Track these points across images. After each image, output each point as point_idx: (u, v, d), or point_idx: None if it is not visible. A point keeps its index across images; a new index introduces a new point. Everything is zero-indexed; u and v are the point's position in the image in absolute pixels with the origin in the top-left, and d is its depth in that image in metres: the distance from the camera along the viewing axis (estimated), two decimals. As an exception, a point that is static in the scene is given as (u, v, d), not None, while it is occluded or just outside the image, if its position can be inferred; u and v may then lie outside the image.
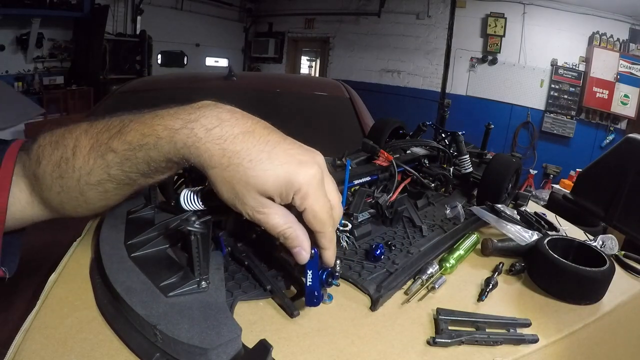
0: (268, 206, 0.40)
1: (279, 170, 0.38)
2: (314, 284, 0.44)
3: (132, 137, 0.40)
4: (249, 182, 0.38)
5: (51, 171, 0.43)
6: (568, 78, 5.16)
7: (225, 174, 0.38)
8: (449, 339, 0.46)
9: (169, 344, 0.37)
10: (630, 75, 4.88)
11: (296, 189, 0.39)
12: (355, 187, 0.73)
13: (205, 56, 6.52)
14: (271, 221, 0.40)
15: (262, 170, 0.38)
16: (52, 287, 0.49)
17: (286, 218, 0.41)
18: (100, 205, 0.46)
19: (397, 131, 1.05)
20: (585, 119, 5.20)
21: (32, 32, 4.21)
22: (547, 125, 5.33)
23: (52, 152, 0.43)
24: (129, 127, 0.41)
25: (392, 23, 6.03)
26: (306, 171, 0.39)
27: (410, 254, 0.60)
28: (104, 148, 0.41)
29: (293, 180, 0.38)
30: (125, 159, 0.41)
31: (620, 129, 5.06)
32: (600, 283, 0.58)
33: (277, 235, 0.41)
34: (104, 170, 0.42)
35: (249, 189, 0.38)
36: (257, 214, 0.40)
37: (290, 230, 0.41)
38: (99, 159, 0.42)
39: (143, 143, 0.40)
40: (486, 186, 0.82)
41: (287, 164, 0.38)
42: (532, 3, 5.16)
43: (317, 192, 0.40)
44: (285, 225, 0.40)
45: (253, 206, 0.39)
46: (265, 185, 0.38)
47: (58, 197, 0.44)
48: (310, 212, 0.40)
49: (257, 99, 1.81)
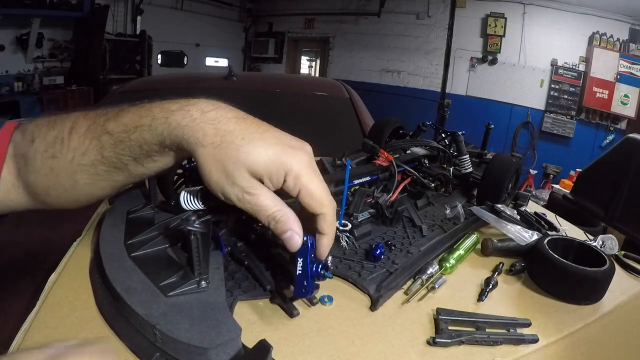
0: (257, 187, 0.39)
1: (270, 150, 0.38)
2: (304, 272, 0.41)
3: (128, 119, 0.41)
4: (240, 159, 0.38)
5: (44, 150, 0.43)
6: (568, 78, 5.16)
7: (217, 152, 0.38)
8: (449, 339, 0.46)
9: (169, 343, 0.37)
10: (630, 75, 4.88)
11: (287, 169, 0.39)
12: (355, 187, 0.73)
13: (205, 56, 6.52)
14: (260, 202, 0.39)
15: (254, 147, 0.38)
16: (52, 287, 0.49)
17: (275, 201, 0.39)
18: (86, 193, 0.46)
19: (397, 131, 1.05)
20: (585, 119, 5.20)
21: (32, 32, 4.21)
22: (547, 125, 5.33)
23: (47, 131, 0.44)
24: (127, 111, 0.42)
25: (392, 23, 6.03)
26: (297, 153, 0.39)
27: (410, 254, 0.60)
28: (100, 129, 0.42)
29: (284, 161, 0.38)
30: (119, 140, 0.41)
31: (620, 129, 5.06)
32: (600, 283, 0.58)
33: (267, 219, 0.39)
34: (98, 151, 0.42)
35: (239, 167, 0.38)
36: (247, 195, 0.38)
37: (280, 213, 0.39)
38: (94, 140, 0.42)
39: (139, 124, 0.41)
40: (486, 186, 0.82)
41: (279, 145, 0.39)
42: (532, 3, 5.16)
43: (309, 172, 0.40)
44: (275, 207, 0.39)
45: (243, 186, 0.38)
46: (256, 162, 0.38)
47: (45, 180, 0.44)
48: (306, 191, 0.39)
49: (257, 99, 1.81)
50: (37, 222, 0.86)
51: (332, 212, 0.42)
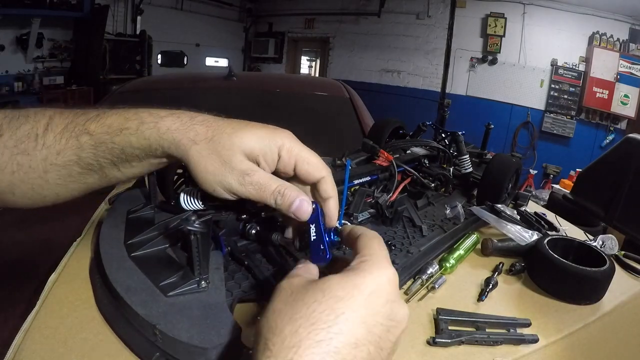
0: (255, 170, 0.39)
1: (260, 131, 0.40)
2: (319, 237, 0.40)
3: (112, 120, 0.41)
4: (234, 144, 0.39)
5: (13, 145, 0.41)
6: (568, 78, 5.16)
7: (210, 145, 0.39)
8: (449, 339, 0.46)
9: (169, 343, 0.37)
10: (630, 75, 4.88)
11: (280, 144, 0.40)
12: (355, 187, 0.73)
13: (205, 56, 6.51)
14: (262, 182, 0.39)
15: (245, 132, 0.39)
16: (52, 287, 0.49)
17: (275, 177, 0.40)
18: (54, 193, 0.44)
19: (397, 131, 1.05)
20: (585, 119, 5.20)
21: (32, 32, 4.21)
22: (547, 125, 5.33)
23: (18, 125, 0.41)
24: (110, 112, 0.42)
25: (392, 23, 6.02)
26: (284, 131, 0.41)
27: (410, 254, 0.60)
28: (79, 129, 0.41)
29: (275, 138, 0.40)
30: (100, 142, 0.41)
31: (620, 129, 5.06)
32: (600, 283, 0.58)
33: (272, 195, 0.39)
34: (75, 152, 0.41)
35: (234, 152, 0.39)
36: (247, 177, 0.39)
37: (283, 186, 0.39)
38: (72, 140, 0.41)
39: (124, 127, 0.40)
40: (486, 186, 0.82)
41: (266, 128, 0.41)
42: (532, 3, 5.16)
43: (300, 144, 0.41)
44: (276, 182, 0.39)
45: (242, 169, 0.39)
46: (250, 143, 0.39)
47: (10, 177, 0.42)
48: (302, 160, 0.41)
49: (257, 99, 1.81)
50: (37, 222, 0.86)
51: (330, 173, 0.43)
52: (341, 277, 0.31)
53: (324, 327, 0.27)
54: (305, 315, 0.28)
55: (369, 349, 0.28)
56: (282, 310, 0.30)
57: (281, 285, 0.33)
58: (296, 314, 0.28)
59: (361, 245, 0.35)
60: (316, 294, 0.29)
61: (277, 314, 0.29)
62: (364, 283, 0.30)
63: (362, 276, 0.31)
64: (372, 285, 0.30)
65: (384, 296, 0.31)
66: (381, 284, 0.31)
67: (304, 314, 0.28)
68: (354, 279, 0.30)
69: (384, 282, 0.31)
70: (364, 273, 0.31)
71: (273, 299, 0.32)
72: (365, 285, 0.30)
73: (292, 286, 0.32)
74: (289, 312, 0.29)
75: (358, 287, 0.30)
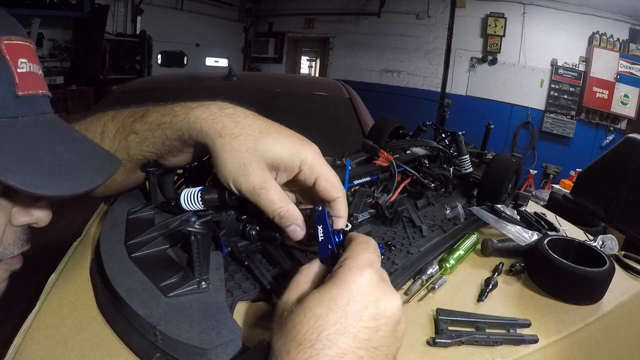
0: (269, 182, 0.41)
1: (286, 141, 0.42)
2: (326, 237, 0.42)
3: (152, 118, 0.46)
4: (258, 149, 0.40)
5: None
6: (568, 78, 5.16)
7: (235, 142, 0.41)
8: (449, 339, 0.46)
9: (169, 344, 0.37)
10: (630, 75, 4.88)
11: (303, 158, 0.42)
12: (355, 187, 0.73)
13: (205, 56, 6.51)
14: (270, 197, 0.41)
15: (272, 139, 0.41)
16: (52, 287, 0.49)
17: (283, 196, 0.42)
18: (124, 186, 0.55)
19: (397, 131, 1.05)
20: (585, 119, 5.20)
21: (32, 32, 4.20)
22: (547, 125, 5.33)
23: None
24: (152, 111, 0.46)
25: (392, 23, 6.02)
26: (309, 145, 0.43)
27: (410, 254, 0.60)
28: (128, 130, 0.47)
29: (299, 151, 0.42)
30: (144, 138, 0.46)
31: (620, 129, 5.05)
32: (600, 283, 0.58)
33: (273, 212, 0.42)
34: (125, 150, 0.47)
35: (256, 157, 0.40)
36: (258, 189, 0.41)
37: (285, 209, 0.42)
38: (122, 141, 0.47)
39: (161, 122, 0.45)
40: (486, 186, 0.82)
41: (293, 138, 0.43)
42: (532, 3, 5.16)
43: (322, 161, 0.43)
44: (282, 202, 0.42)
45: (256, 179, 0.40)
46: (273, 151, 0.41)
47: None
48: (323, 177, 0.43)
49: (257, 99, 1.80)
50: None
51: (344, 195, 0.45)
52: (319, 291, 0.32)
53: (309, 345, 0.29)
54: (293, 336, 0.30)
55: (358, 354, 0.30)
56: (277, 332, 0.32)
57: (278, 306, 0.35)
58: (287, 337, 0.31)
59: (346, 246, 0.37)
60: (300, 315, 0.31)
61: (276, 337, 0.32)
62: (340, 294, 0.31)
63: (338, 286, 0.32)
64: (348, 294, 0.31)
65: (363, 300, 0.31)
66: (359, 289, 0.32)
67: (294, 336, 0.30)
68: (330, 291, 0.32)
69: (361, 286, 0.32)
70: (339, 282, 0.32)
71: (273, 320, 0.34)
72: (341, 296, 0.31)
73: (285, 306, 0.34)
74: (282, 335, 0.31)
75: (334, 299, 0.31)
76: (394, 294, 0.33)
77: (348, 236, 0.40)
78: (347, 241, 0.39)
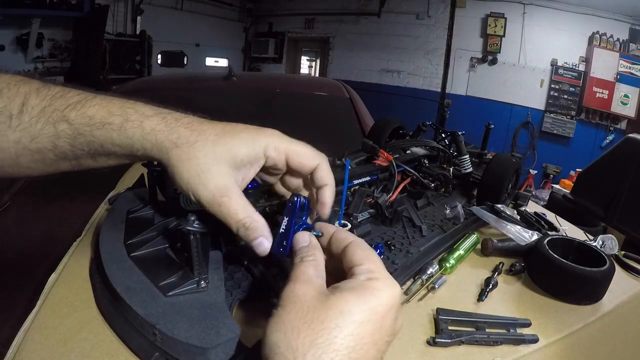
0: (231, 189, 0.38)
1: (243, 135, 0.39)
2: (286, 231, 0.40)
3: (95, 111, 0.38)
4: (217, 152, 0.37)
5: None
6: (568, 78, 5.15)
7: (191, 150, 0.37)
8: (449, 339, 0.46)
9: (168, 343, 0.37)
10: (630, 75, 4.88)
11: (264, 144, 0.39)
12: (355, 187, 0.73)
13: (205, 56, 6.51)
14: (232, 207, 0.37)
15: (230, 137, 0.38)
16: (52, 287, 0.49)
17: (246, 207, 0.38)
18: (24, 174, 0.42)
19: (397, 131, 1.05)
20: (585, 119, 5.20)
21: (32, 32, 4.20)
22: (547, 125, 5.32)
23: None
24: (93, 102, 0.39)
25: (392, 23, 6.02)
26: (267, 130, 0.40)
27: (409, 254, 0.60)
28: (58, 115, 0.38)
29: (260, 139, 0.39)
30: (79, 133, 0.38)
31: (620, 129, 5.05)
32: (600, 283, 0.58)
33: (237, 225, 0.38)
34: (51, 139, 0.39)
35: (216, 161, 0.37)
36: (219, 197, 0.37)
37: (249, 219, 0.38)
38: (48, 126, 0.38)
39: (107, 121, 0.38)
40: (486, 186, 0.82)
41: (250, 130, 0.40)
42: (532, 3, 5.16)
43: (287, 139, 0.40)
44: (245, 213, 0.38)
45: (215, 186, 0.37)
46: (233, 149, 0.38)
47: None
48: (293, 153, 0.40)
49: (257, 99, 1.80)
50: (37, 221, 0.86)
51: (325, 160, 0.42)
52: (357, 297, 0.31)
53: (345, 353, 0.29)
54: (328, 341, 0.29)
55: None
56: (301, 330, 0.29)
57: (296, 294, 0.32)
58: (318, 338, 0.29)
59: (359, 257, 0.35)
60: (337, 318, 0.30)
61: (297, 334, 0.29)
62: (380, 305, 0.31)
63: (378, 297, 0.32)
64: (386, 307, 0.32)
65: (393, 315, 0.32)
66: (393, 304, 0.32)
67: (327, 339, 0.29)
68: (371, 301, 0.31)
69: (395, 302, 0.32)
70: (379, 294, 0.32)
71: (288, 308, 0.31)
72: (381, 308, 0.31)
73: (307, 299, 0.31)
74: (309, 335, 0.29)
75: (374, 309, 0.31)
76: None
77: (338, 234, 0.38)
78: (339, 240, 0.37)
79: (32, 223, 0.87)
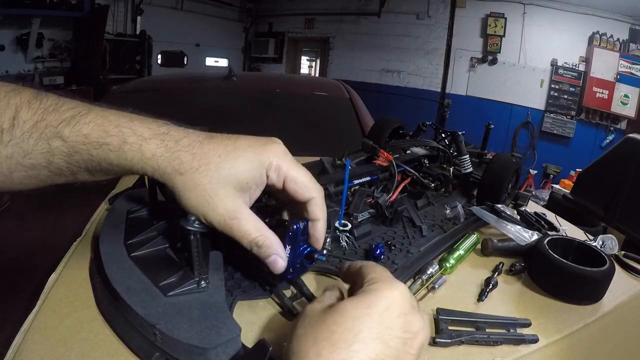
0: (240, 211, 0.38)
1: (247, 155, 0.39)
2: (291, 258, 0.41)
3: (90, 130, 0.37)
4: (222, 176, 0.37)
5: None
6: (568, 78, 5.16)
7: (196, 176, 0.37)
8: (449, 339, 0.46)
9: (169, 343, 0.37)
10: (630, 75, 4.88)
11: (267, 164, 0.39)
12: (355, 187, 0.73)
13: (205, 56, 6.51)
14: (243, 228, 0.38)
15: (233, 158, 0.38)
16: (52, 287, 0.49)
17: (258, 225, 0.39)
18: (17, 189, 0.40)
19: (397, 131, 1.05)
20: (585, 119, 5.20)
21: (32, 32, 4.20)
22: (547, 125, 5.33)
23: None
24: (88, 118, 0.37)
25: (392, 23, 6.02)
26: (270, 147, 0.40)
27: (410, 254, 0.60)
28: (51, 131, 0.36)
29: (262, 159, 0.39)
30: (74, 151, 0.37)
31: (620, 129, 5.06)
32: (600, 283, 0.58)
33: (250, 244, 0.39)
34: (45, 156, 0.37)
35: (222, 185, 0.37)
36: (229, 220, 0.38)
37: (262, 238, 0.39)
38: (42, 142, 0.36)
39: (104, 142, 0.37)
40: (486, 186, 0.82)
41: (252, 147, 0.39)
42: (532, 3, 5.16)
43: (287, 161, 0.40)
44: (257, 232, 0.39)
45: (225, 210, 0.38)
46: (238, 172, 0.38)
47: None
48: (290, 179, 0.40)
49: (257, 99, 1.80)
50: (37, 221, 0.86)
51: (321, 195, 0.42)
52: (356, 299, 0.33)
53: (344, 346, 0.29)
54: (327, 337, 0.30)
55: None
56: (304, 334, 0.32)
57: (304, 312, 0.35)
58: (318, 336, 0.30)
59: (366, 272, 0.37)
60: (335, 316, 0.31)
61: (301, 339, 0.31)
62: (377, 301, 0.32)
63: (375, 295, 0.33)
64: (385, 302, 0.32)
65: (397, 310, 0.32)
66: (393, 300, 0.33)
67: (326, 336, 0.30)
68: (368, 299, 0.33)
69: (395, 298, 0.33)
70: (375, 292, 0.33)
71: (296, 325, 0.33)
72: (378, 303, 0.32)
73: (313, 312, 0.34)
74: (311, 336, 0.31)
75: (371, 306, 0.32)
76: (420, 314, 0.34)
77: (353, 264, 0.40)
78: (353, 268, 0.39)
79: (32, 223, 0.87)
